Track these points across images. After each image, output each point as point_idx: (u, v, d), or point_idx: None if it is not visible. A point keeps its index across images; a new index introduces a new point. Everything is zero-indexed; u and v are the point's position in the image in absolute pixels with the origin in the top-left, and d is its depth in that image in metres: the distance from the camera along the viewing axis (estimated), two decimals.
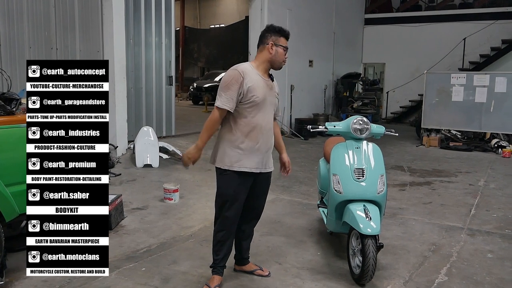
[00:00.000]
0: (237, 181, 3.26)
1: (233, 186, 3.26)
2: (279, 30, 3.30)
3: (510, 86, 10.04)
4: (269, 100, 3.31)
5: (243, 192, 3.32)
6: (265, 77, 3.32)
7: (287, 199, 6.00)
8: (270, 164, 3.43)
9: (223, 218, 3.33)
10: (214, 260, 3.43)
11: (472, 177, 7.52)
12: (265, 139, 3.31)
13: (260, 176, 3.36)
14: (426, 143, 10.76)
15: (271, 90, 3.35)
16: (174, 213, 5.23)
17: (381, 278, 3.62)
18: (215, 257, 3.41)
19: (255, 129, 3.24)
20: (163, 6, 8.63)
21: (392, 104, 16.18)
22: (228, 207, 3.29)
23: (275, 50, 3.28)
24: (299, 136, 11.49)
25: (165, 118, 8.94)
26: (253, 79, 3.20)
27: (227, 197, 3.28)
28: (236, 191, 3.27)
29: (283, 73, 11.80)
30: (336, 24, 14.39)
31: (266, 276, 3.64)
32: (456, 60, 14.57)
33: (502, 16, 14.19)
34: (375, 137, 3.93)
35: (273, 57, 3.29)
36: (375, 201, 3.60)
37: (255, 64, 3.32)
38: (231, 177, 3.26)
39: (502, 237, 4.67)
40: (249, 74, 3.19)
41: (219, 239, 3.37)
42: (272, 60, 3.30)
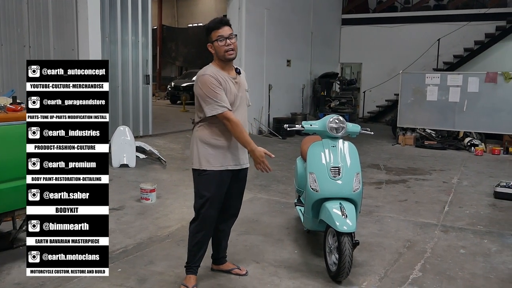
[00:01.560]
0: (216, 181, 3.25)
1: (212, 186, 3.25)
2: (208, 28, 3.23)
3: (482, 86, 10.28)
4: (239, 96, 3.31)
5: (222, 191, 3.31)
6: (232, 75, 3.30)
7: (265, 198, 6.02)
8: (246, 160, 3.43)
9: (203, 219, 3.31)
10: (189, 261, 3.41)
11: (446, 175, 7.67)
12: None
13: (237, 174, 3.37)
14: (401, 141, 10.94)
15: (240, 86, 3.34)
16: (151, 213, 5.18)
17: (357, 275, 3.66)
18: (192, 258, 3.39)
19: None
20: (140, 4, 8.55)
21: (369, 104, 16.40)
22: (208, 208, 3.27)
23: (214, 47, 3.22)
24: (277, 135, 11.53)
25: (142, 118, 8.85)
26: (223, 81, 3.20)
27: (206, 198, 3.26)
28: (216, 191, 3.27)
29: (261, 72, 11.84)
30: (313, 24, 14.49)
31: (243, 275, 3.64)
32: (430, 60, 14.83)
33: (474, 17, 14.51)
34: (351, 136, 3.97)
35: (216, 54, 3.23)
36: (351, 199, 3.64)
37: (217, 66, 3.27)
38: (210, 177, 3.25)
39: (474, 233, 4.78)
40: (220, 78, 3.19)
41: (198, 239, 3.35)
42: (218, 57, 3.24)
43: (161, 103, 19.00)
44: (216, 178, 3.25)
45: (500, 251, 4.28)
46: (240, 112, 3.30)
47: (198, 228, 3.34)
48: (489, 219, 5.25)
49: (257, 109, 11.61)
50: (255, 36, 11.52)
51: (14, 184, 3.55)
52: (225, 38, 3.17)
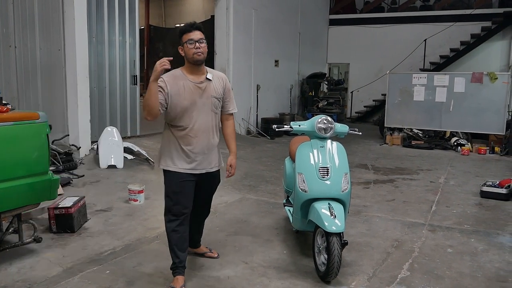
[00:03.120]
0: (180, 181, 3.35)
1: (176, 185, 3.35)
2: (180, 31, 3.31)
3: (468, 86, 10.39)
4: (201, 102, 3.34)
5: (188, 190, 3.38)
6: (197, 80, 3.33)
7: (254, 198, 6.02)
8: (214, 163, 3.51)
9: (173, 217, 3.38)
10: (174, 262, 3.46)
11: (433, 174, 7.74)
12: (201, 141, 3.37)
13: (204, 176, 3.46)
14: (389, 141, 11.02)
15: (204, 92, 3.36)
16: (139, 214, 5.15)
17: (346, 275, 3.68)
18: (175, 259, 3.44)
19: (188, 134, 3.33)
20: (127, 4, 8.47)
21: (357, 104, 16.49)
22: (177, 207, 3.36)
23: (184, 50, 3.29)
24: (266, 135, 11.54)
25: (130, 118, 8.78)
26: (178, 85, 3.26)
27: (173, 197, 3.36)
28: (180, 190, 3.35)
29: (249, 72, 11.84)
30: (301, 24, 14.53)
31: (215, 258, 3.90)
32: (417, 60, 14.95)
33: (460, 18, 14.65)
34: (339, 136, 3.98)
35: (186, 56, 3.31)
36: (340, 199, 3.66)
37: (185, 70, 3.35)
38: (174, 177, 3.35)
39: (461, 232, 4.83)
40: (174, 81, 3.24)
41: (174, 243, 3.41)
42: (187, 60, 3.32)
43: None
44: (180, 179, 3.35)
45: (486, 250, 4.33)
46: (199, 117, 3.34)
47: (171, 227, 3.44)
48: (476, 218, 5.31)
49: (245, 109, 11.61)
50: (243, 37, 11.51)
51: (0, 186, 3.50)
52: (195, 42, 3.24)
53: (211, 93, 3.39)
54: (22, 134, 3.66)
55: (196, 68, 3.34)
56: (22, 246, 4.04)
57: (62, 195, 5.09)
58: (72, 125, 7.34)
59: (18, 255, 3.91)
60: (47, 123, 3.87)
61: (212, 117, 3.43)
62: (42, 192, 3.87)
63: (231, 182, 6.41)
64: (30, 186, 3.72)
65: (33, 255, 3.94)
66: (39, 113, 3.81)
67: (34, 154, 3.74)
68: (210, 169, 3.48)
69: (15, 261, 3.79)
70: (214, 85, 3.41)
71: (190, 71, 3.34)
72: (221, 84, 3.48)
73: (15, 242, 4.02)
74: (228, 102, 3.56)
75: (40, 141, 3.79)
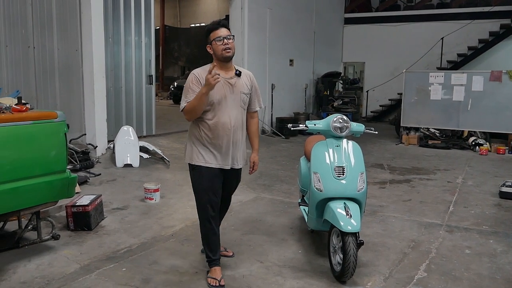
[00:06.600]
0: (208, 176, 3.36)
1: (208, 181, 3.36)
2: (208, 30, 3.35)
3: (487, 84, 10.22)
4: (231, 97, 3.37)
5: (216, 185, 3.40)
6: (226, 76, 3.37)
7: (268, 197, 6.01)
8: (240, 160, 3.53)
9: (207, 213, 3.40)
10: (209, 256, 3.50)
11: (450, 174, 7.64)
12: (229, 137, 3.38)
13: (229, 172, 3.47)
14: (405, 141, 10.90)
15: (234, 87, 3.39)
16: (155, 212, 5.19)
17: (361, 275, 3.65)
18: (209, 253, 3.49)
19: (217, 127, 3.34)
20: (143, 5, 8.55)
21: (372, 103, 16.35)
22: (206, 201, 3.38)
23: (213, 48, 3.33)
24: (280, 135, 11.52)
25: (145, 118, 8.86)
26: None
27: (206, 192, 3.38)
28: (209, 185, 3.37)
29: (264, 72, 11.83)
30: (316, 23, 14.46)
31: (230, 257, 3.89)
32: (434, 59, 14.78)
33: (478, 16, 14.44)
34: (355, 135, 3.95)
35: (214, 54, 3.35)
36: (356, 199, 3.63)
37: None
38: (206, 173, 3.36)
39: (479, 233, 4.76)
40: (204, 76, 3.24)
41: (209, 237, 3.45)
42: (216, 57, 3.35)
43: (164, 103, 19.01)
44: (208, 174, 3.37)
45: (506, 251, 4.26)
46: (228, 112, 3.36)
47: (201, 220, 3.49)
48: (495, 219, 5.23)
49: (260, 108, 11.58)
50: (257, 36, 11.51)
51: (19, 184, 3.56)
52: (223, 38, 3.28)
53: (241, 88, 3.43)
54: (41, 133, 3.72)
55: (225, 65, 3.38)
56: (41, 243, 4.11)
57: (79, 193, 5.16)
58: (89, 125, 7.43)
59: (36, 252, 3.97)
60: (65, 122, 3.92)
61: (241, 113, 3.47)
62: (60, 190, 3.93)
63: (246, 181, 6.42)
64: (48, 184, 3.78)
65: (51, 252, 3.99)
66: (57, 113, 3.87)
67: (52, 152, 3.79)
68: (236, 165, 3.49)
69: (34, 258, 3.85)
70: (243, 81, 3.46)
71: (219, 68, 3.35)
72: (249, 81, 3.53)
73: (34, 239, 4.10)
74: (255, 99, 3.62)
75: (58, 140, 3.84)
